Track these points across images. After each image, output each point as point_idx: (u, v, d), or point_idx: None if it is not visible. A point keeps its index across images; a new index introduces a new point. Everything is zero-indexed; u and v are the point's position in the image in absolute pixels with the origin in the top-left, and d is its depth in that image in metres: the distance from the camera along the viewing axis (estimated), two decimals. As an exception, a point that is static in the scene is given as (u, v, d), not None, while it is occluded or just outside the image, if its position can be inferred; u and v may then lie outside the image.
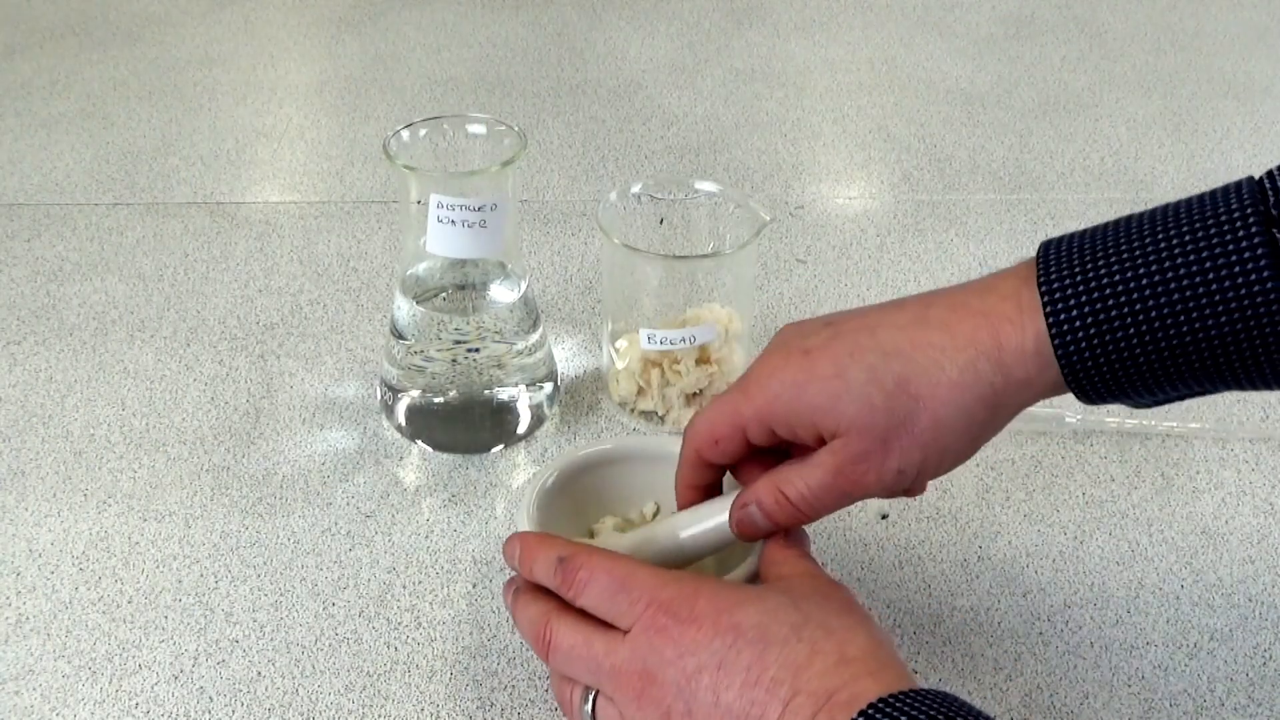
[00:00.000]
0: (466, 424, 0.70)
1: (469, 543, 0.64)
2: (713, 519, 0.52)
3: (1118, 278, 0.42)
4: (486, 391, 0.69)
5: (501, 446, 0.70)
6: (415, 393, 0.69)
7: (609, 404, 0.74)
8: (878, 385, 0.45)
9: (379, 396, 0.72)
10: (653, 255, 0.68)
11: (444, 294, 0.69)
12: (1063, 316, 0.43)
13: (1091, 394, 0.45)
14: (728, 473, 0.54)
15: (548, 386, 0.71)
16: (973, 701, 0.56)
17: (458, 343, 0.67)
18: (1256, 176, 0.43)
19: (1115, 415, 0.72)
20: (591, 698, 0.47)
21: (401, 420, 0.70)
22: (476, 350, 0.67)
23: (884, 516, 0.66)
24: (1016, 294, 0.45)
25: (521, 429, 0.70)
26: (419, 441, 0.70)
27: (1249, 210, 0.41)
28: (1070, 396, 0.45)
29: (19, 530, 0.65)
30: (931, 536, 0.65)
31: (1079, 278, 0.43)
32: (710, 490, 0.54)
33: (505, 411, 0.70)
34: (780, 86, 1.15)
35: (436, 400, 0.69)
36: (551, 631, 0.47)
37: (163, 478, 0.68)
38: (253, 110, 1.09)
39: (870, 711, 0.40)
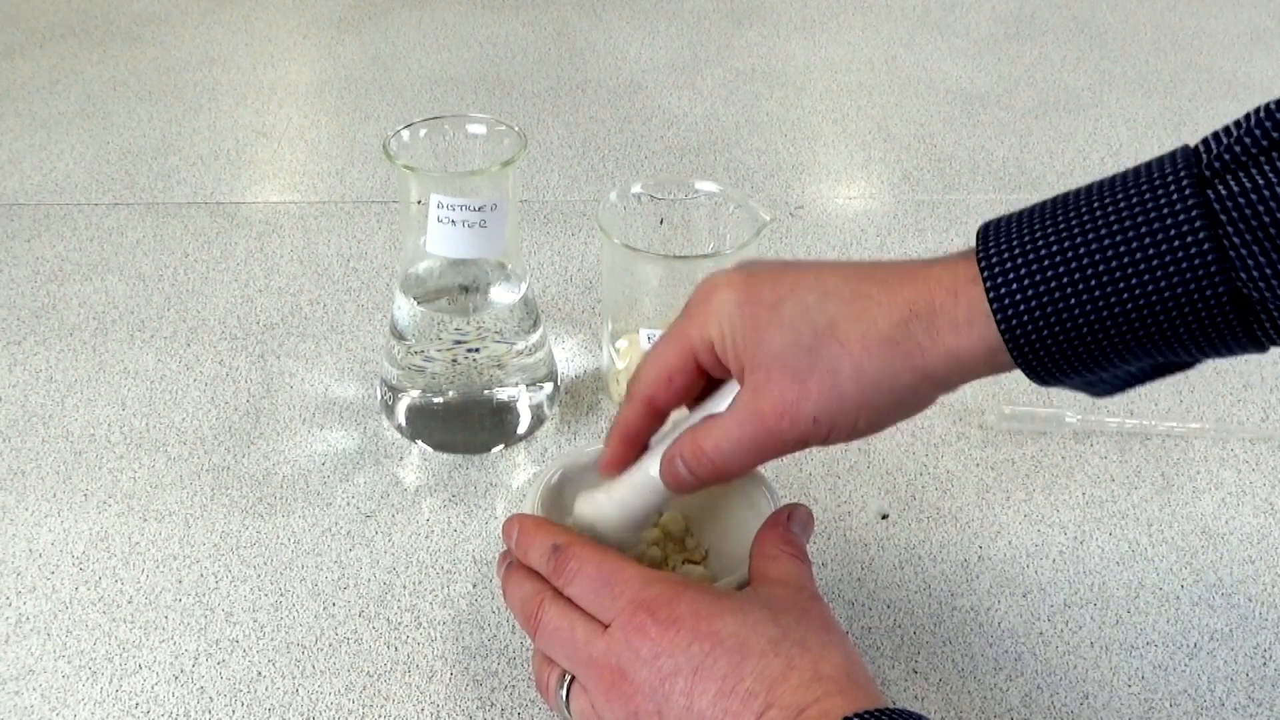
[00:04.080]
0: (466, 424, 0.70)
1: (469, 543, 0.64)
2: (646, 471, 0.51)
3: (1055, 251, 0.42)
4: (486, 391, 0.69)
5: (501, 446, 0.70)
6: (415, 393, 0.69)
7: (609, 404, 0.74)
8: (808, 322, 0.45)
9: (379, 396, 0.72)
10: (653, 255, 0.68)
11: (445, 295, 0.69)
12: (1003, 291, 0.42)
13: (1039, 370, 0.44)
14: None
15: (548, 386, 0.71)
16: (972, 701, 0.56)
17: (458, 343, 0.67)
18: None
19: (1115, 415, 0.72)
20: (567, 683, 0.47)
21: (401, 420, 0.70)
22: (476, 350, 0.67)
23: (884, 516, 0.66)
24: (954, 268, 0.44)
25: (521, 429, 0.70)
26: (419, 441, 0.70)
27: (1182, 173, 0.40)
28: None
29: (19, 530, 0.65)
30: (931, 536, 0.65)
31: (1018, 253, 0.43)
32: (640, 445, 0.52)
33: (505, 411, 0.70)
34: (780, 86, 1.15)
35: (436, 400, 0.69)
36: (542, 610, 0.48)
37: (163, 478, 0.68)
38: (253, 110, 1.09)
39: None
